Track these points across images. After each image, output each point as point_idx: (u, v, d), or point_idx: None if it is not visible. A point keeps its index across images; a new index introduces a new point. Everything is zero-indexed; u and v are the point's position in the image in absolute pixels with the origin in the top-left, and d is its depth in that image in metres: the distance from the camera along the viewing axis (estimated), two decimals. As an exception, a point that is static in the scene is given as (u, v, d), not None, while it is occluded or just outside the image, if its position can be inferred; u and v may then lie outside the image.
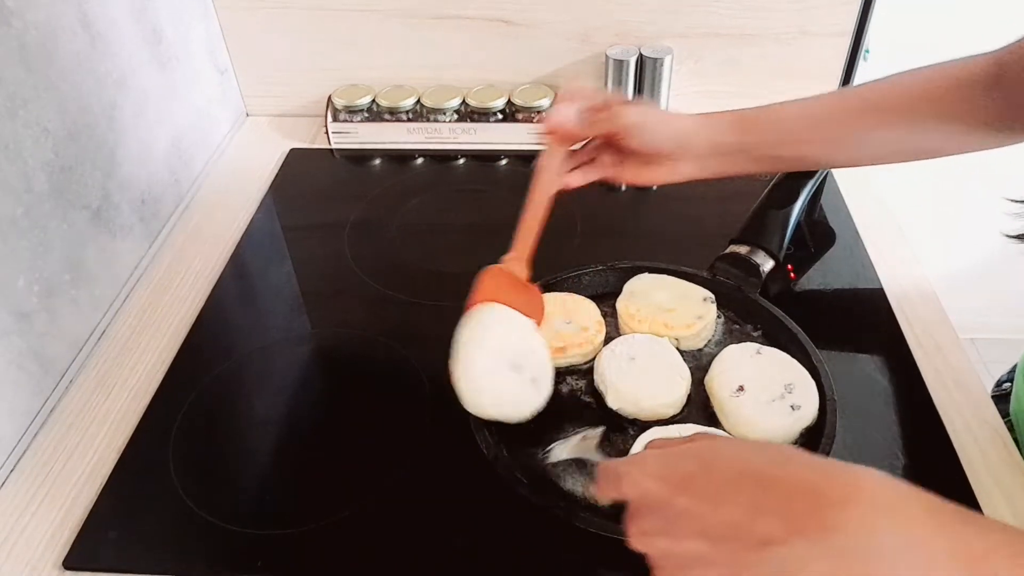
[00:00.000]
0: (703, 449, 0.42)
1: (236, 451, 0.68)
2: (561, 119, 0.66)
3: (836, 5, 1.00)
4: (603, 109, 0.66)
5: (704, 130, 0.66)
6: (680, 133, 0.66)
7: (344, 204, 0.98)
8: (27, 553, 0.60)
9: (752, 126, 0.67)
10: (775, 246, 0.77)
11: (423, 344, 0.76)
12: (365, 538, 0.60)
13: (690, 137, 0.66)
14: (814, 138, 0.67)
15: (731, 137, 0.66)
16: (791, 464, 0.39)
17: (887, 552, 0.34)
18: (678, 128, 0.66)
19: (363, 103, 1.07)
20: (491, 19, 1.05)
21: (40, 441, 0.69)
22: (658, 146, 0.66)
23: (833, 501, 0.36)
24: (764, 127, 0.67)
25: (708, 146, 0.66)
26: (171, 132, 0.97)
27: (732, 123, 0.67)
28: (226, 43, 1.10)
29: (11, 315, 0.67)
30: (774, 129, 0.67)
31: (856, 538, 0.34)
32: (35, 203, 0.71)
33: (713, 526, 0.38)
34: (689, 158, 0.67)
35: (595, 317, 0.72)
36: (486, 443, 0.61)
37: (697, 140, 0.66)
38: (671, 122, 0.67)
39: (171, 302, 0.84)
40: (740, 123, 0.67)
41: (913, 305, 0.79)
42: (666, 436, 0.59)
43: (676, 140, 0.66)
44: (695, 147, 0.66)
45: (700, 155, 0.67)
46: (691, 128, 0.66)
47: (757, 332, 0.73)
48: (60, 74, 0.74)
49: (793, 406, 0.62)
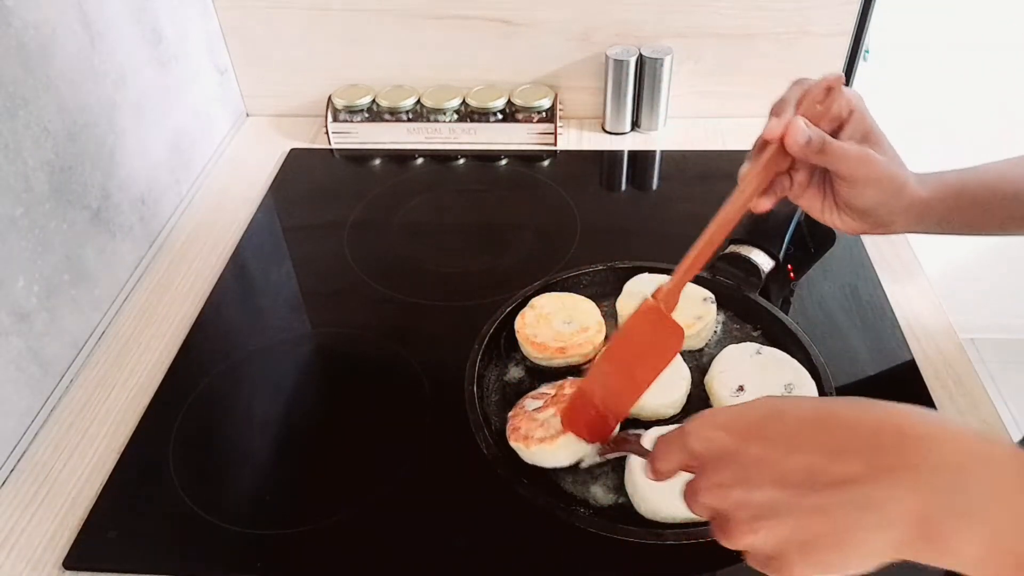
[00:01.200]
0: (770, 400, 0.41)
1: (236, 451, 0.68)
2: (795, 133, 0.54)
3: (836, 5, 1.00)
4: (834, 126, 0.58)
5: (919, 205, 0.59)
6: (898, 198, 0.58)
7: (344, 204, 0.98)
8: (27, 553, 0.60)
9: (970, 204, 0.61)
10: (775, 246, 0.77)
11: (423, 344, 0.76)
12: (365, 538, 0.60)
13: (897, 209, 0.59)
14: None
15: (949, 214, 0.61)
16: (867, 405, 0.38)
17: (974, 493, 0.34)
18: (899, 194, 0.58)
19: (363, 103, 1.07)
20: (491, 19, 1.05)
21: (40, 441, 0.69)
22: (871, 207, 0.58)
23: (918, 438, 0.35)
24: (982, 205, 0.61)
25: (918, 217, 0.60)
26: (171, 132, 0.97)
27: (951, 195, 0.60)
28: (226, 43, 1.10)
29: (11, 315, 0.67)
30: (995, 208, 0.61)
31: (944, 476, 0.34)
32: (35, 203, 0.71)
33: (790, 471, 0.37)
34: (899, 223, 0.60)
35: (595, 317, 0.72)
36: (486, 443, 0.61)
37: (901, 214, 0.59)
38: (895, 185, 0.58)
39: (171, 302, 0.84)
40: (958, 197, 0.60)
41: (913, 305, 0.79)
42: None
43: (886, 206, 0.58)
44: (908, 215, 0.60)
45: (910, 223, 0.61)
46: (916, 201, 0.59)
47: (757, 332, 0.73)
48: (60, 74, 0.74)
49: None
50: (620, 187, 1.05)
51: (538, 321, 0.71)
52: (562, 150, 1.07)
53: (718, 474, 0.39)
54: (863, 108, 0.58)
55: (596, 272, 0.78)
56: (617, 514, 0.59)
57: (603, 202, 0.99)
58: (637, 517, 0.58)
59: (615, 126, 1.09)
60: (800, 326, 0.70)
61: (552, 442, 0.59)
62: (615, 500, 0.60)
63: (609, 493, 0.61)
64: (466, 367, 0.67)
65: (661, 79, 1.04)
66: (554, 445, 0.59)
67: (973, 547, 0.34)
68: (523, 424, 0.62)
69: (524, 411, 0.64)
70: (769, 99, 0.68)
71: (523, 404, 0.65)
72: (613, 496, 0.60)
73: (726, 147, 1.06)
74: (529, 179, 1.03)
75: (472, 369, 0.67)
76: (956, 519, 0.34)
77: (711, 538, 0.53)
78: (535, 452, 0.60)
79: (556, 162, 1.05)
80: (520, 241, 0.91)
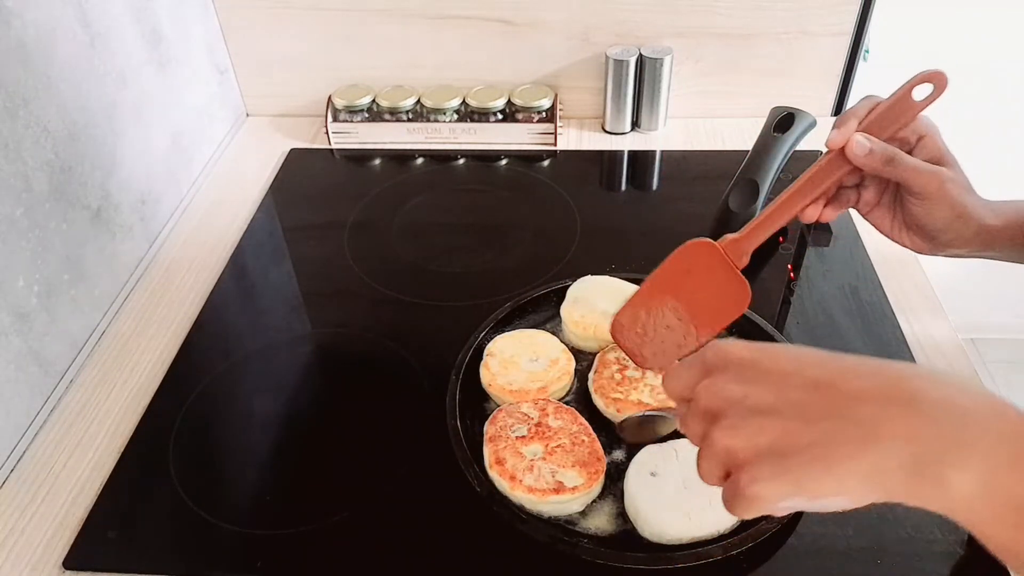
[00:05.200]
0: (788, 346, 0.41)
1: (236, 451, 0.68)
2: (855, 145, 0.55)
3: (836, 5, 1.00)
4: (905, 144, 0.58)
5: (990, 230, 0.58)
6: (967, 221, 0.58)
7: (344, 204, 0.98)
8: (27, 553, 0.60)
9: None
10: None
11: (423, 344, 0.76)
12: (364, 538, 0.60)
13: (966, 233, 0.59)
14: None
15: (1019, 241, 0.60)
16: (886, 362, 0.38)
17: (973, 427, 0.33)
18: (969, 217, 0.58)
19: (363, 103, 1.07)
20: (491, 19, 1.05)
21: (40, 441, 0.69)
22: (940, 228, 0.58)
23: (917, 376, 0.36)
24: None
25: (987, 242, 0.60)
26: (171, 132, 0.97)
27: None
28: (226, 43, 1.10)
29: (11, 315, 0.67)
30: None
31: (944, 409, 0.34)
32: (35, 203, 0.71)
33: (796, 383, 0.36)
34: (949, 246, 0.60)
35: (558, 346, 0.70)
36: (477, 479, 0.60)
37: (971, 240, 0.59)
38: (966, 208, 0.58)
39: (171, 302, 0.84)
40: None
41: (913, 305, 0.79)
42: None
43: (954, 230, 0.58)
44: (964, 243, 0.60)
45: (979, 247, 0.60)
46: (986, 226, 0.58)
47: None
48: (60, 74, 0.74)
49: None
50: (620, 187, 1.05)
51: (505, 368, 0.68)
52: (562, 150, 1.07)
53: (722, 375, 0.39)
54: (935, 134, 0.59)
55: (534, 299, 0.76)
56: (619, 542, 0.57)
57: (603, 202, 0.99)
58: (641, 542, 0.57)
59: (615, 126, 1.09)
60: (800, 326, 0.70)
61: (542, 496, 0.57)
62: (618, 527, 0.58)
63: (612, 521, 0.59)
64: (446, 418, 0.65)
65: (661, 79, 1.04)
66: (544, 500, 0.57)
67: (966, 484, 0.32)
68: (508, 457, 0.60)
69: (507, 437, 0.62)
70: (769, 99, 0.68)
71: (506, 424, 0.63)
72: (616, 523, 0.59)
73: (726, 147, 1.06)
74: (529, 179, 1.03)
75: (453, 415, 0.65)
76: (951, 449, 0.33)
77: (719, 556, 0.53)
78: (520, 496, 0.58)
79: (556, 162, 1.05)
80: (520, 241, 0.91)
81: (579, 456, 0.60)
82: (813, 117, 0.86)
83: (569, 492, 0.58)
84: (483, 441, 0.62)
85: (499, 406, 0.66)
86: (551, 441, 0.61)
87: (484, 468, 0.61)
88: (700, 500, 0.56)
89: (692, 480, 0.57)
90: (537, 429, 0.62)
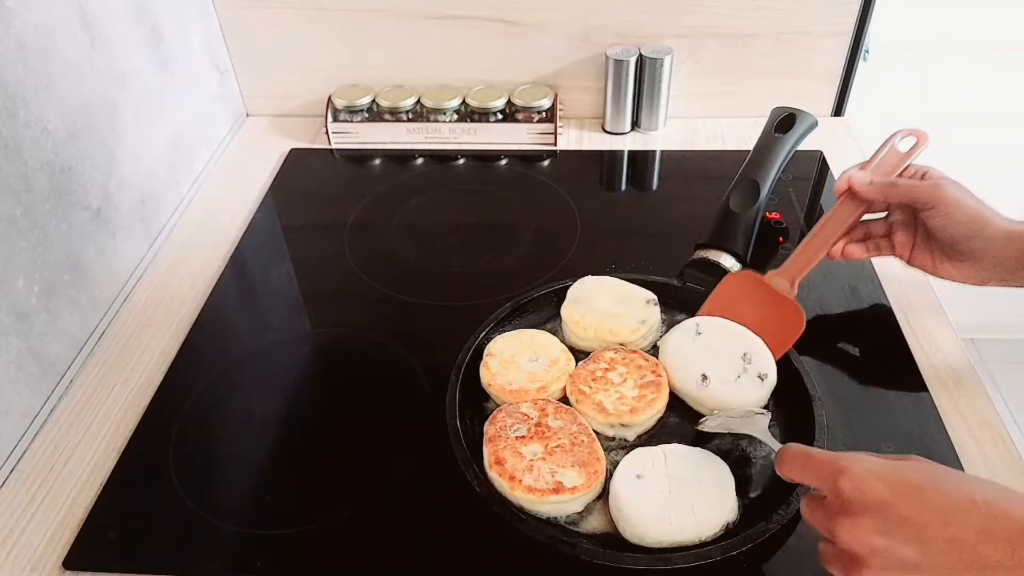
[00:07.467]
0: (929, 467, 0.44)
1: (236, 451, 0.68)
2: (856, 181, 0.64)
3: (836, 5, 1.00)
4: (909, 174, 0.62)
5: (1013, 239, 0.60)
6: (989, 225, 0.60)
7: (344, 204, 0.98)
8: (27, 553, 0.60)
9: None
10: (740, 248, 0.77)
11: (423, 344, 0.76)
12: (364, 538, 0.60)
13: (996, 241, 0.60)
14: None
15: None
16: (1019, 496, 0.40)
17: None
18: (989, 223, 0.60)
19: (363, 103, 1.07)
20: (491, 19, 1.05)
21: (40, 441, 0.69)
22: (965, 236, 0.60)
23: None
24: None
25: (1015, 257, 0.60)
26: (171, 132, 0.97)
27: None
28: (226, 43, 1.10)
29: (11, 315, 0.67)
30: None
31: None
32: (35, 203, 0.71)
33: (936, 539, 0.39)
34: (991, 263, 0.61)
35: (558, 346, 0.70)
36: (476, 479, 0.60)
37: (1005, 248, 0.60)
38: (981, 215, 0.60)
39: (171, 302, 0.84)
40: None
41: (913, 305, 0.79)
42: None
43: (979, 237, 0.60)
44: (999, 253, 0.60)
45: (1005, 264, 0.61)
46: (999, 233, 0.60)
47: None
48: (60, 74, 0.74)
49: (760, 375, 0.64)
50: (620, 187, 1.05)
51: (504, 368, 0.68)
52: (562, 150, 1.07)
53: (864, 518, 0.42)
54: (933, 168, 0.64)
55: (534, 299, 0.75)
56: (618, 542, 0.57)
57: (603, 202, 0.99)
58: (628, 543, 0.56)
59: (615, 126, 1.09)
60: (800, 326, 0.70)
61: (542, 496, 0.57)
62: (604, 528, 0.58)
63: (611, 521, 0.58)
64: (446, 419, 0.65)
65: (661, 79, 1.04)
66: (544, 500, 0.57)
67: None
68: (508, 457, 0.60)
69: (507, 437, 0.61)
70: (769, 99, 0.68)
71: (505, 424, 0.63)
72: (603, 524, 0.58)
73: (726, 147, 1.06)
74: (529, 179, 1.03)
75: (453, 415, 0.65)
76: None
77: (719, 557, 0.53)
78: (519, 496, 0.58)
79: (556, 162, 1.05)
80: (520, 241, 0.91)
81: (579, 456, 0.60)
82: (814, 118, 0.86)
83: (568, 492, 0.58)
84: (483, 441, 0.62)
85: (499, 406, 0.66)
86: (551, 441, 0.61)
87: (484, 468, 0.61)
88: (684, 506, 0.56)
89: (677, 486, 0.57)
90: (537, 429, 0.62)
